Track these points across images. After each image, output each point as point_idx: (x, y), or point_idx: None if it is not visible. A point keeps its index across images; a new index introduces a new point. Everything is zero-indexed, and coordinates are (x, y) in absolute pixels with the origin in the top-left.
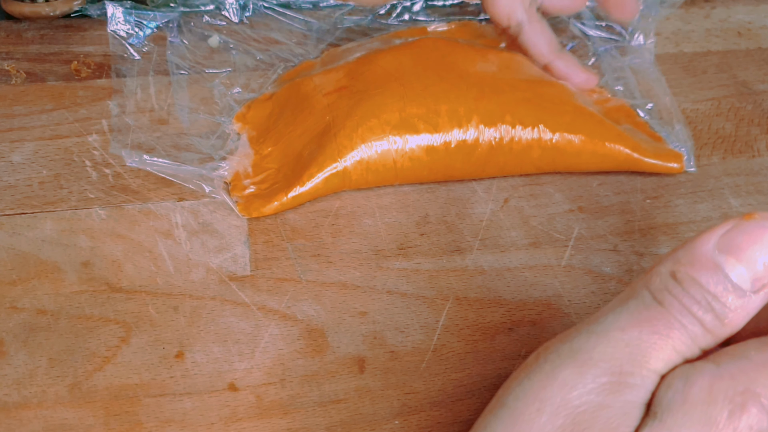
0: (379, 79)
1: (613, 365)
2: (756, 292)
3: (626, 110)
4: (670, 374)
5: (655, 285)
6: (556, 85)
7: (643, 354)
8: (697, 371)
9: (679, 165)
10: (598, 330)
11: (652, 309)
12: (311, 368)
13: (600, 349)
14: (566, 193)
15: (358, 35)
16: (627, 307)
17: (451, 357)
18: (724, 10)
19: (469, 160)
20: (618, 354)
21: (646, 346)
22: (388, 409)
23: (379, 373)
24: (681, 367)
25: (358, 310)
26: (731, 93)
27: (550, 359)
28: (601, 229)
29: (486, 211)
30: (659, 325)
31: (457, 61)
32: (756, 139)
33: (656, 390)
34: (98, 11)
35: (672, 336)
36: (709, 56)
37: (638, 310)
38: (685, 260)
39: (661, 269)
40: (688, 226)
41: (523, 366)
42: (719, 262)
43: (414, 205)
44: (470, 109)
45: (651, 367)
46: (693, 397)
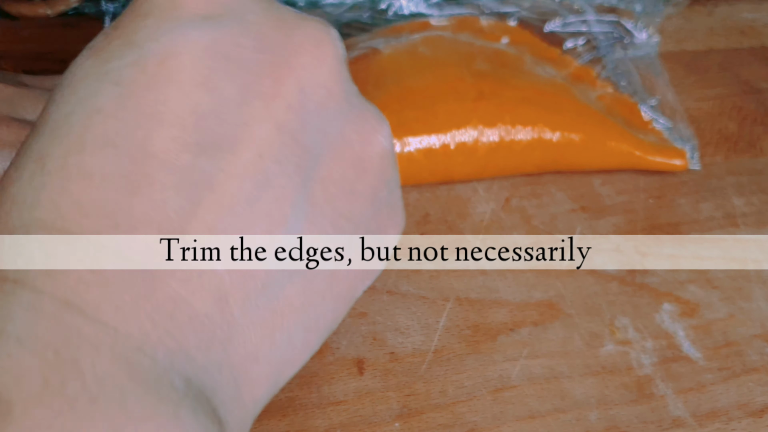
0: (376, 80)
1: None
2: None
3: (629, 106)
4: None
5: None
6: (556, 83)
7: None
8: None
9: (683, 162)
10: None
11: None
12: (310, 369)
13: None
14: (568, 193)
15: (356, 31)
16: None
17: (452, 358)
18: (727, 8)
19: (469, 161)
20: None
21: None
22: (388, 411)
23: (379, 374)
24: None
25: (358, 310)
26: (734, 91)
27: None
28: (604, 228)
29: (487, 211)
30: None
31: (456, 61)
32: (759, 137)
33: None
34: (95, 10)
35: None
36: (712, 54)
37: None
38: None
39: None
40: (691, 225)
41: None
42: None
43: (414, 205)
44: (469, 110)
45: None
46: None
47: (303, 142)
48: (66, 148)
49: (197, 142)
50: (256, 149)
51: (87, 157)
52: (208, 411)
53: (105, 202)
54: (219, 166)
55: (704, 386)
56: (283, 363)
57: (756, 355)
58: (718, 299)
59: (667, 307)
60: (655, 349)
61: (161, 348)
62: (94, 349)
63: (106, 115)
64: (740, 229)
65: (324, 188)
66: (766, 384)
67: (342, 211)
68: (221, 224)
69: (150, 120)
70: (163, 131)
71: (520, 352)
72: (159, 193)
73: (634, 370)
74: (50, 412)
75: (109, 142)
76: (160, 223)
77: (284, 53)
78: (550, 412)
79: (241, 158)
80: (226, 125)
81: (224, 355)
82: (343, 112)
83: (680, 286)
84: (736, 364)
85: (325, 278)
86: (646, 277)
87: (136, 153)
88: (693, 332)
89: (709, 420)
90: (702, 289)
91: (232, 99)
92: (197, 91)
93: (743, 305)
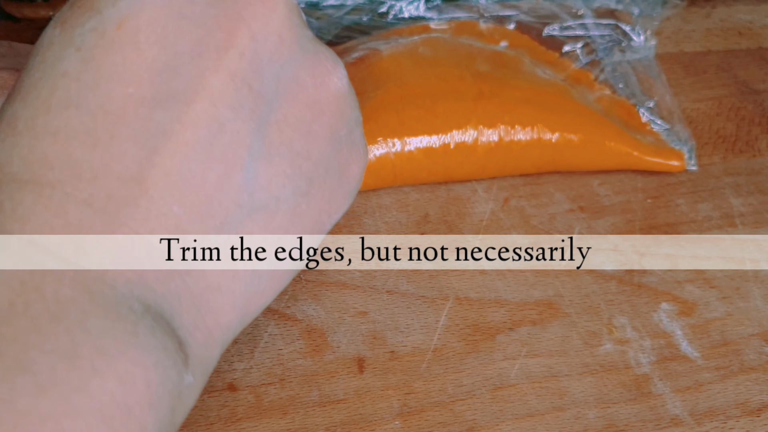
0: (377, 80)
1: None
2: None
3: (627, 108)
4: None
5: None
6: (555, 84)
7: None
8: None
9: (680, 163)
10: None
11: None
12: (311, 368)
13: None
14: (567, 193)
15: (357, 33)
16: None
17: (452, 357)
18: (725, 9)
19: (469, 160)
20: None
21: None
22: (388, 409)
23: (379, 373)
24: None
25: (358, 309)
26: (732, 93)
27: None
28: (602, 228)
29: (486, 211)
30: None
31: (456, 61)
32: (757, 138)
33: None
34: None
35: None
36: (710, 56)
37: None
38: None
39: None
40: (689, 225)
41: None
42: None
43: (414, 205)
44: (469, 110)
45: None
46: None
47: (257, 88)
48: (34, 110)
49: (153, 96)
50: (209, 98)
51: (52, 118)
52: (167, 331)
53: (68, 156)
54: (174, 116)
55: (702, 385)
56: (250, 294)
57: (753, 354)
58: (716, 299)
59: (665, 307)
60: (653, 348)
61: (120, 278)
62: (57, 279)
63: (69, 79)
64: (738, 229)
65: (280, 131)
66: (764, 383)
67: (299, 151)
68: (177, 169)
69: (109, 80)
70: (121, 89)
71: (519, 351)
72: (118, 145)
73: (633, 369)
74: (15, 330)
75: (72, 103)
76: (120, 171)
77: (236, 6)
78: (548, 411)
79: (195, 107)
80: (180, 78)
81: (183, 286)
82: (297, 57)
83: (678, 286)
84: (734, 363)
85: (287, 214)
86: (645, 277)
87: (96, 111)
88: (691, 331)
89: (706, 418)
90: (700, 289)
91: (186, 53)
92: (152, 49)
93: (741, 305)
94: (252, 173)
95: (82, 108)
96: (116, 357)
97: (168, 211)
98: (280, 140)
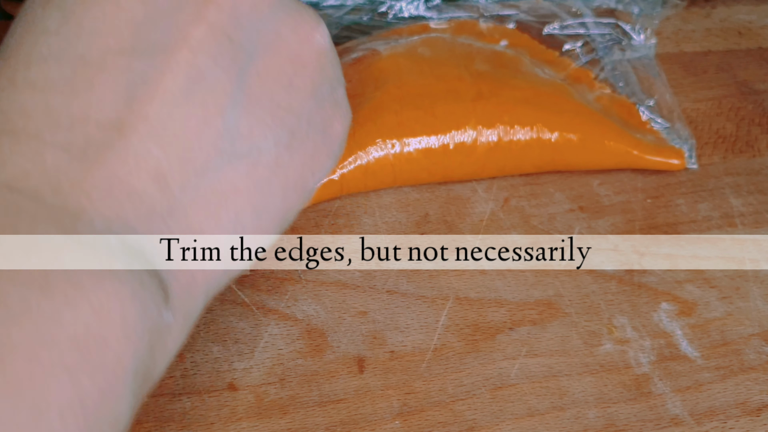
0: (375, 81)
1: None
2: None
3: (627, 106)
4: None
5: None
6: (554, 84)
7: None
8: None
9: (680, 161)
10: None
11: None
12: (311, 368)
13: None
14: (567, 193)
15: (357, 33)
16: None
17: (452, 357)
18: (725, 9)
19: (468, 161)
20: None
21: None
22: (388, 409)
23: (379, 372)
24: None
25: (358, 309)
26: (732, 93)
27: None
28: (602, 228)
29: (486, 211)
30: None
31: (455, 61)
32: (757, 138)
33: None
34: None
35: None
36: (710, 56)
37: None
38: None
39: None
40: (689, 225)
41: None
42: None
43: (414, 205)
44: (468, 110)
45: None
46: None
47: (237, 39)
48: (15, 65)
49: (133, 47)
50: (188, 48)
51: (32, 71)
52: (144, 265)
53: (46, 105)
54: (154, 65)
55: (702, 385)
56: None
57: (753, 354)
58: (716, 298)
59: (665, 307)
60: (653, 348)
61: (98, 217)
62: (32, 218)
63: (49, 34)
64: (738, 228)
65: (261, 81)
66: (764, 383)
67: (280, 103)
68: (156, 114)
69: (89, 34)
70: (101, 41)
71: (519, 350)
72: (97, 94)
73: (633, 368)
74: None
75: (52, 56)
76: (98, 118)
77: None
78: (548, 411)
79: (174, 57)
80: (160, 30)
81: (165, 227)
82: (278, 12)
83: (678, 286)
84: (734, 363)
85: (269, 165)
86: (644, 277)
87: (76, 62)
88: (691, 331)
89: (706, 418)
90: (700, 289)
91: (165, 7)
92: (132, 3)
93: (741, 304)
94: (233, 121)
95: (63, 60)
96: (90, 289)
97: (147, 153)
98: (261, 91)
